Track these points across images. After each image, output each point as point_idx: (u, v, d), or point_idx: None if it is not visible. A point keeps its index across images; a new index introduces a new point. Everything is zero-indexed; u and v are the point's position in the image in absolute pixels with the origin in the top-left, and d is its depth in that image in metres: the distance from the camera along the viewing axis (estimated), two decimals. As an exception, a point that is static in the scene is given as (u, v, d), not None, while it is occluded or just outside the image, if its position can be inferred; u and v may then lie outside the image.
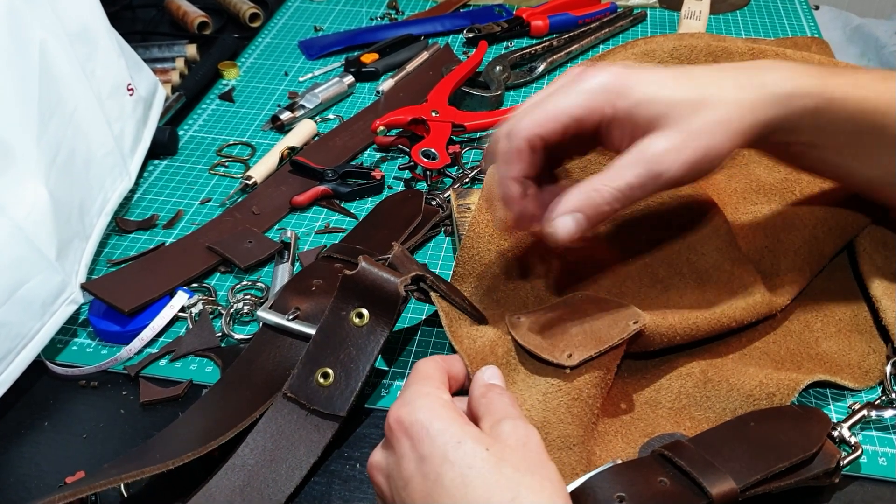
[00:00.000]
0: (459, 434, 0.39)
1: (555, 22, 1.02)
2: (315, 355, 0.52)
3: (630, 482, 0.43)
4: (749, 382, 0.52)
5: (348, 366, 0.51)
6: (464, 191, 0.70)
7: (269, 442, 0.50)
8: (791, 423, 0.48)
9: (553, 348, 0.50)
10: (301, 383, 0.52)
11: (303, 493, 0.50)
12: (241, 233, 0.68)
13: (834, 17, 1.80)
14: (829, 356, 0.56)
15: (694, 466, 0.43)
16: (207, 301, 0.62)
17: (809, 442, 0.46)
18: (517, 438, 0.40)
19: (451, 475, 0.38)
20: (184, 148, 0.83)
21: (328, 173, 0.75)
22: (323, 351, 0.52)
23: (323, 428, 0.51)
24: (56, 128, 0.60)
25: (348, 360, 0.51)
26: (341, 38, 1.01)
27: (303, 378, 0.52)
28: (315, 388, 0.52)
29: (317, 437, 0.51)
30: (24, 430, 0.54)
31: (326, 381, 0.51)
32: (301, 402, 0.52)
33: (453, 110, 0.81)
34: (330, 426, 0.51)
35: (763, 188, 0.65)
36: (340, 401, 0.51)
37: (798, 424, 0.48)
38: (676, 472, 0.44)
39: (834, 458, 0.47)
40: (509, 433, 0.40)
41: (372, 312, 0.51)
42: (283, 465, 0.50)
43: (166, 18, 1.10)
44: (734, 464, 0.44)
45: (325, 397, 0.51)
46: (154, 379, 0.57)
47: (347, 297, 0.52)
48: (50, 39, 0.60)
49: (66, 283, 0.58)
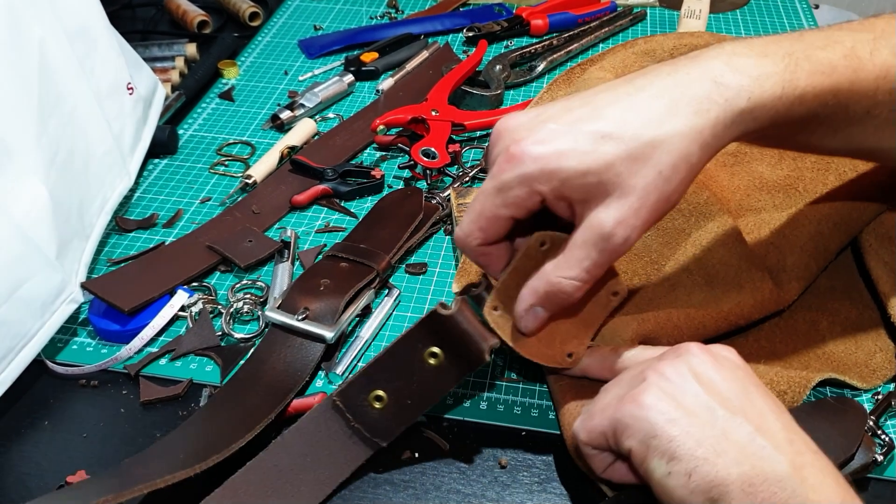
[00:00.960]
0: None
1: (554, 21, 1.02)
2: (375, 375, 0.49)
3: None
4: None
5: (404, 400, 0.49)
6: (464, 189, 0.70)
7: (305, 446, 0.49)
8: (830, 422, 0.48)
9: (553, 353, 0.50)
10: (353, 397, 0.50)
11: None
12: (241, 232, 0.68)
13: (834, 17, 1.80)
14: (836, 355, 0.56)
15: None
16: (207, 300, 0.62)
17: (849, 440, 0.46)
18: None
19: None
20: (183, 147, 0.83)
21: (328, 172, 0.75)
22: (384, 374, 0.49)
23: (359, 449, 0.50)
24: (55, 127, 0.60)
25: (407, 394, 0.49)
26: (341, 36, 1.01)
27: (356, 392, 0.50)
28: (365, 406, 0.49)
29: (352, 455, 0.49)
30: (25, 429, 0.54)
31: (379, 404, 0.49)
32: (347, 416, 0.50)
33: (453, 109, 0.81)
34: (365, 451, 0.50)
35: (766, 185, 0.65)
36: (387, 431, 0.49)
37: (837, 420, 0.48)
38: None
39: (871, 450, 0.47)
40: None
41: (448, 359, 0.48)
42: (310, 475, 0.48)
43: (166, 17, 1.10)
44: None
45: (372, 421, 0.49)
46: (154, 378, 0.57)
47: (429, 332, 0.48)
48: (49, 38, 0.60)
49: (66, 282, 0.58)
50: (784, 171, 0.65)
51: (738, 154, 0.68)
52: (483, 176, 0.75)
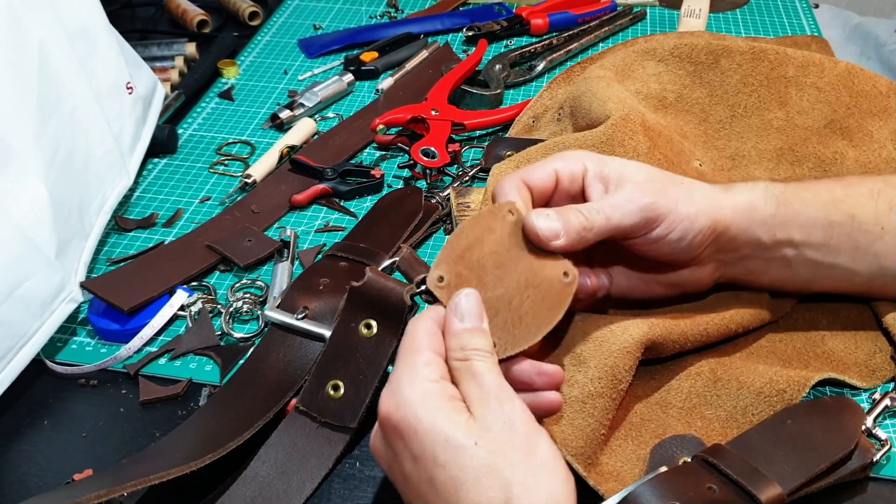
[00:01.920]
0: (447, 430, 0.39)
1: (554, 20, 1.02)
2: (325, 368, 0.52)
3: (680, 490, 0.43)
4: (759, 380, 0.52)
5: (357, 378, 0.51)
6: (463, 189, 0.70)
7: (282, 455, 0.50)
8: (826, 419, 0.48)
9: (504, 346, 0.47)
10: (312, 396, 0.52)
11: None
12: (241, 231, 0.68)
13: (834, 16, 1.80)
14: (836, 354, 0.56)
15: (741, 474, 0.43)
16: (207, 300, 0.62)
17: (846, 437, 0.46)
18: (503, 421, 0.39)
19: (443, 478, 0.38)
20: (183, 146, 0.83)
21: (328, 172, 0.75)
22: (333, 363, 0.52)
23: (334, 440, 0.51)
24: (55, 126, 0.60)
25: (357, 372, 0.51)
26: (341, 36, 1.01)
27: (313, 391, 0.52)
28: (326, 400, 0.51)
29: (328, 449, 0.51)
30: (24, 428, 0.54)
31: (337, 393, 0.51)
32: (312, 415, 0.52)
33: (453, 109, 0.81)
34: (341, 438, 0.51)
35: None
36: (350, 413, 0.51)
37: (833, 418, 0.48)
38: (723, 479, 0.44)
39: (869, 451, 0.47)
40: (494, 415, 0.40)
41: (380, 323, 0.51)
42: (295, 477, 0.49)
43: (165, 17, 1.10)
44: (777, 467, 0.44)
45: (336, 409, 0.51)
46: (153, 377, 0.57)
47: (355, 308, 0.51)
48: (49, 38, 0.60)
49: (66, 282, 0.58)
50: (781, 175, 0.65)
51: (736, 157, 0.68)
52: (483, 176, 0.75)
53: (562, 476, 0.38)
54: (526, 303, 0.47)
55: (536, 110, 0.80)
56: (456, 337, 0.43)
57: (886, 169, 0.64)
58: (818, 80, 0.69)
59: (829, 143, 0.67)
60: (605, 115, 0.64)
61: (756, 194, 0.52)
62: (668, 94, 0.72)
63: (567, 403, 0.49)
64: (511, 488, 0.37)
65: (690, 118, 0.71)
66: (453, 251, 0.47)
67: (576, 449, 0.47)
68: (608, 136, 0.62)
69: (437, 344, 0.43)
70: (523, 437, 0.39)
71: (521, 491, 0.37)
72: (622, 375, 0.49)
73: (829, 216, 0.51)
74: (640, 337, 0.50)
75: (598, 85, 0.68)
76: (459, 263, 0.47)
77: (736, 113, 0.70)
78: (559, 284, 0.47)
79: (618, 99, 0.65)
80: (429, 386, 0.41)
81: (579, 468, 0.47)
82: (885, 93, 0.69)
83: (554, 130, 0.75)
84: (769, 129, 0.69)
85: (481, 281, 0.47)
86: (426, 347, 0.43)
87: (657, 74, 0.73)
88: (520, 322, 0.46)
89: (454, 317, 0.44)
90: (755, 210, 0.51)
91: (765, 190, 0.52)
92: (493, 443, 0.38)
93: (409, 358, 0.42)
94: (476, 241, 0.47)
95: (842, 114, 0.68)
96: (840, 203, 0.52)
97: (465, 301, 0.44)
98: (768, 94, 0.70)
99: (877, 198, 0.52)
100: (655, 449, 0.49)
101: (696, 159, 0.66)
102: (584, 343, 0.51)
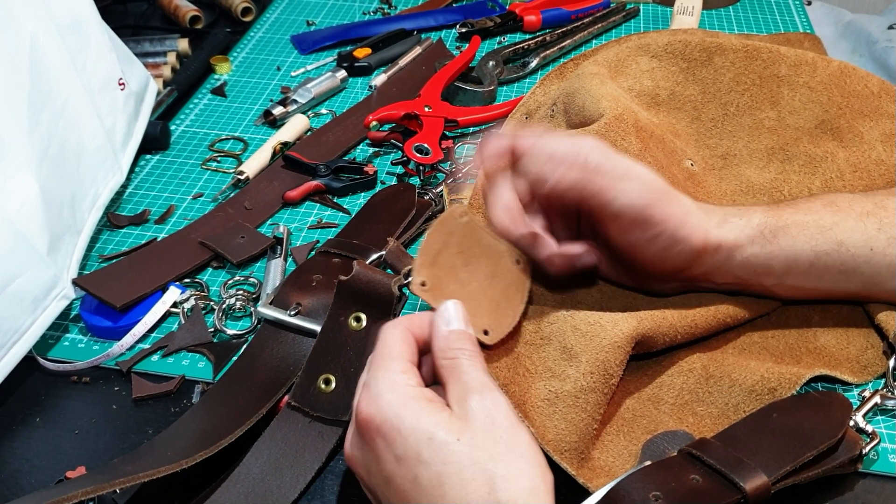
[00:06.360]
0: (430, 428, 0.39)
1: (548, 17, 1.02)
2: (316, 362, 0.52)
3: (664, 481, 0.43)
4: (751, 377, 0.52)
5: (348, 371, 0.51)
6: (456, 185, 0.70)
7: (275, 451, 0.50)
8: (813, 411, 0.48)
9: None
10: (304, 391, 0.52)
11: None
12: (234, 228, 0.68)
13: (826, 13, 1.80)
14: (828, 350, 0.56)
15: (724, 464, 0.44)
16: (200, 296, 0.62)
17: (832, 428, 0.47)
18: (485, 415, 0.40)
19: (427, 475, 0.38)
20: (175, 143, 0.82)
21: (321, 168, 0.75)
22: (324, 358, 0.52)
23: (327, 434, 0.51)
24: (47, 121, 0.59)
25: (348, 365, 0.51)
26: (334, 32, 1.01)
27: (305, 386, 0.52)
28: (318, 394, 0.51)
29: (321, 443, 0.51)
30: (16, 425, 0.54)
31: (328, 387, 0.51)
32: (305, 410, 0.52)
33: (446, 105, 0.81)
34: (334, 432, 0.51)
35: (753, 189, 0.65)
36: (342, 406, 0.51)
37: (820, 411, 0.48)
38: (707, 470, 0.44)
39: (857, 444, 0.48)
40: (476, 411, 0.40)
41: (369, 315, 0.51)
42: (289, 473, 0.50)
43: (158, 12, 1.10)
44: (762, 457, 0.44)
45: (328, 403, 0.51)
46: (146, 374, 0.57)
47: (344, 302, 0.52)
48: (40, 32, 0.60)
49: (58, 278, 0.58)
50: (771, 175, 0.66)
51: (728, 157, 0.69)
52: (476, 172, 0.75)
53: (542, 468, 0.39)
54: (497, 291, 0.52)
55: (529, 107, 0.80)
56: (444, 339, 0.45)
57: (876, 170, 0.65)
58: (810, 80, 0.69)
59: (820, 143, 0.67)
60: (599, 112, 0.64)
61: (746, 233, 0.52)
62: (660, 90, 0.72)
63: (559, 398, 0.49)
64: (494, 481, 0.38)
65: (683, 116, 0.71)
66: (427, 257, 0.50)
67: (569, 444, 0.48)
68: (600, 136, 0.62)
69: (411, 353, 0.45)
70: (505, 431, 0.40)
71: (504, 483, 0.38)
72: (613, 370, 0.49)
73: (815, 247, 0.52)
74: (629, 332, 0.50)
75: (592, 82, 0.68)
76: (435, 266, 0.50)
77: (728, 111, 0.70)
78: (516, 271, 0.53)
79: (611, 97, 0.65)
80: (409, 390, 0.42)
81: (568, 467, 0.47)
82: (876, 93, 0.69)
83: (547, 127, 0.75)
84: (761, 128, 0.69)
85: (457, 279, 0.51)
86: (400, 356, 0.44)
87: (650, 70, 0.73)
88: (498, 307, 0.51)
89: (441, 322, 0.45)
90: (739, 249, 0.52)
91: (756, 228, 0.52)
92: (476, 437, 0.39)
93: (385, 365, 0.43)
94: (443, 245, 0.51)
95: (833, 114, 0.68)
96: (828, 232, 0.52)
97: (451, 307, 0.46)
98: (760, 94, 0.70)
99: (866, 220, 0.53)
100: (646, 445, 0.49)
101: (688, 158, 0.66)
102: (574, 337, 0.51)
